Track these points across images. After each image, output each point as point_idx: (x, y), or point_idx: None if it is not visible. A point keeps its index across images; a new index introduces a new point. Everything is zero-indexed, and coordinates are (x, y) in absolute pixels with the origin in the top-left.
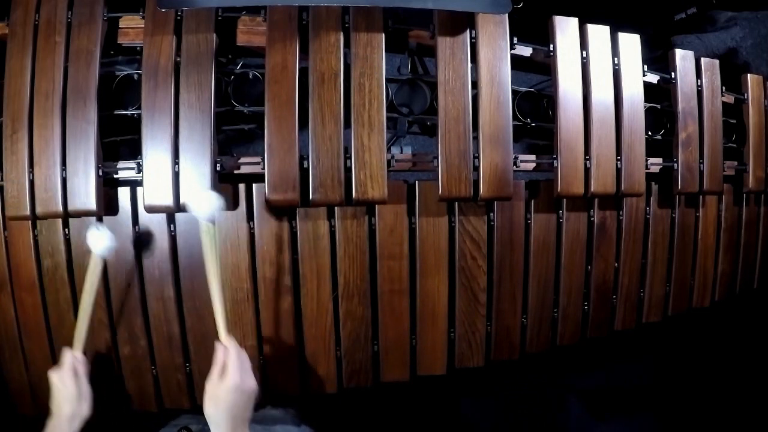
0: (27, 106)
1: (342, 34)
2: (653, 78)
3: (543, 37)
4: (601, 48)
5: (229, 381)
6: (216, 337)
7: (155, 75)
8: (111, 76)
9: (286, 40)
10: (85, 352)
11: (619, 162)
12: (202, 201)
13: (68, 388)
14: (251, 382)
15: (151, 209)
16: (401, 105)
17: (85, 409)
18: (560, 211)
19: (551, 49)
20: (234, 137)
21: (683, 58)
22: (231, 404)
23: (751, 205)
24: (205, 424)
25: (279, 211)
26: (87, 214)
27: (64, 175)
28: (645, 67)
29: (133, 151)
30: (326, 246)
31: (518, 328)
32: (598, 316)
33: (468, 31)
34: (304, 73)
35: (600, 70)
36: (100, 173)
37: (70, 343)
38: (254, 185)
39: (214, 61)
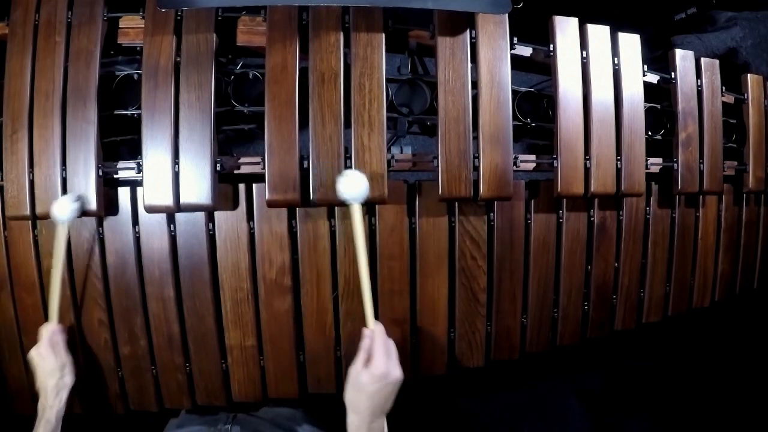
0: (27, 106)
1: (342, 34)
2: (653, 78)
3: (543, 37)
4: (601, 48)
5: (374, 369)
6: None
7: (155, 75)
8: (111, 76)
9: (286, 40)
10: (59, 322)
11: (619, 162)
12: (353, 182)
13: (48, 362)
14: (397, 372)
15: (151, 209)
16: (401, 105)
17: (68, 379)
18: (560, 211)
19: (551, 49)
20: (234, 137)
21: (683, 58)
22: (373, 392)
23: (751, 205)
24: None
25: (279, 211)
26: (87, 214)
27: (64, 175)
28: (645, 67)
29: (133, 151)
30: (326, 246)
31: (518, 328)
32: (598, 316)
33: (468, 31)
34: (304, 73)
35: (600, 70)
36: (100, 173)
37: (69, 343)
38: (254, 185)
39: (214, 61)
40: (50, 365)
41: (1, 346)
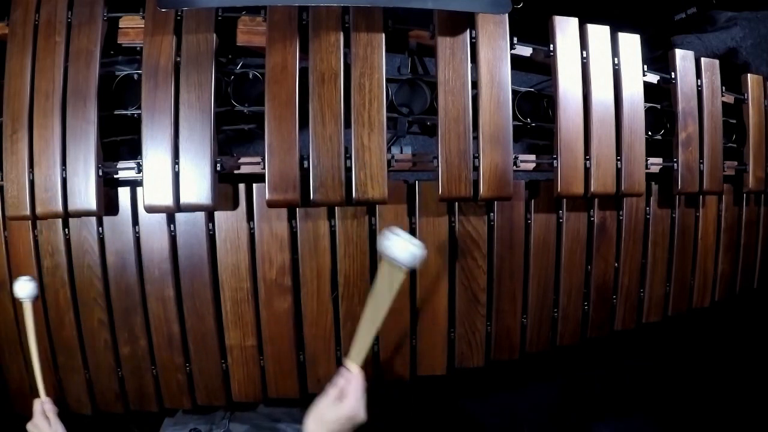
0: (27, 106)
1: (342, 34)
2: (653, 78)
3: (543, 37)
4: (601, 48)
5: (344, 409)
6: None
7: (155, 75)
8: (111, 76)
9: (286, 40)
10: (48, 394)
11: (619, 162)
12: (405, 248)
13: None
14: (363, 416)
15: (151, 209)
16: (401, 105)
17: None
18: (560, 211)
19: (551, 49)
20: (234, 137)
21: (683, 58)
22: (335, 429)
23: (751, 205)
24: (213, 424)
25: (279, 211)
26: (87, 214)
27: (64, 175)
28: (645, 67)
29: (133, 151)
30: (326, 246)
31: (518, 328)
32: (598, 316)
33: (468, 31)
34: (304, 73)
35: (600, 70)
36: (100, 173)
37: (69, 343)
38: (254, 185)
39: (214, 61)
40: None
41: (1, 346)
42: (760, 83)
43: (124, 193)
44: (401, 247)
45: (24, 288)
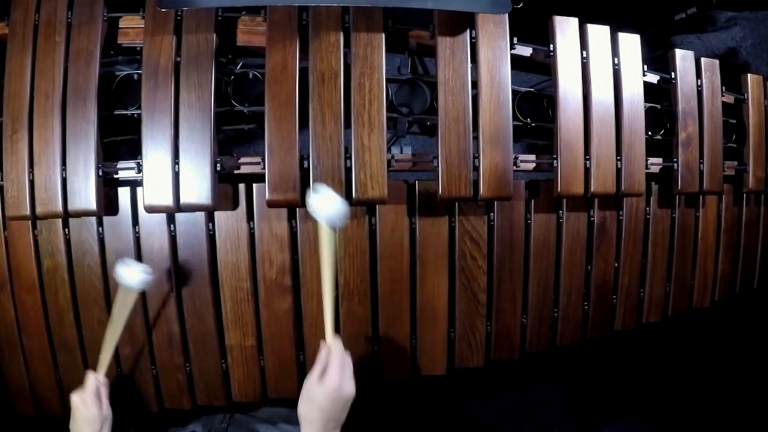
0: (27, 106)
1: (342, 34)
2: (653, 78)
3: (543, 37)
4: (601, 48)
5: (328, 384)
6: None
7: (155, 75)
8: (111, 76)
9: (286, 40)
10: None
11: (619, 162)
12: (327, 203)
13: (90, 411)
14: (350, 388)
15: (151, 209)
16: (401, 105)
17: None
18: (560, 211)
19: (551, 49)
20: (234, 137)
21: (683, 58)
22: (326, 407)
23: (751, 205)
24: (211, 428)
25: (279, 211)
26: (87, 214)
27: (64, 175)
28: (645, 67)
29: (133, 151)
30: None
31: (518, 328)
32: (598, 316)
33: (468, 31)
34: (304, 73)
35: (600, 70)
36: (100, 173)
37: (69, 343)
38: (254, 185)
39: (214, 61)
40: (92, 415)
41: (1, 346)
42: (760, 83)
43: (124, 193)
44: (324, 208)
45: (135, 276)
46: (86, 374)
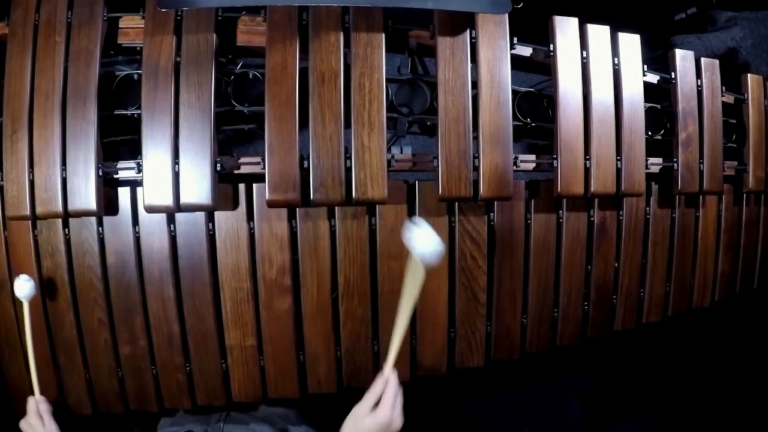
0: (27, 106)
1: (342, 34)
2: (653, 78)
3: (543, 37)
4: (601, 48)
5: (380, 417)
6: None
7: (155, 75)
8: (111, 76)
9: (286, 40)
10: (44, 393)
11: (619, 162)
12: (427, 240)
13: (37, 431)
14: (399, 423)
15: (151, 209)
16: (401, 105)
17: None
18: (560, 211)
19: (551, 49)
20: (234, 137)
21: (683, 58)
22: None
23: (751, 205)
24: (208, 426)
25: (279, 211)
26: (87, 214)
27: (64, 175)
28: (645, 67)
29: (133, 151)
30: (326, 246)
31: (518, 328)
32: (598, 316)
33: (468, 31)
34: (304, 73)
35: (600, 70)
36: (100, 173)
37: (69, 343)
38: (254, 185)
39: (214, 61)
40: None
41: (1, 346)
42: (760, 83)
43: (124, 193)
44: (425, 242)
45: (22, 288)
46: (28, 401)
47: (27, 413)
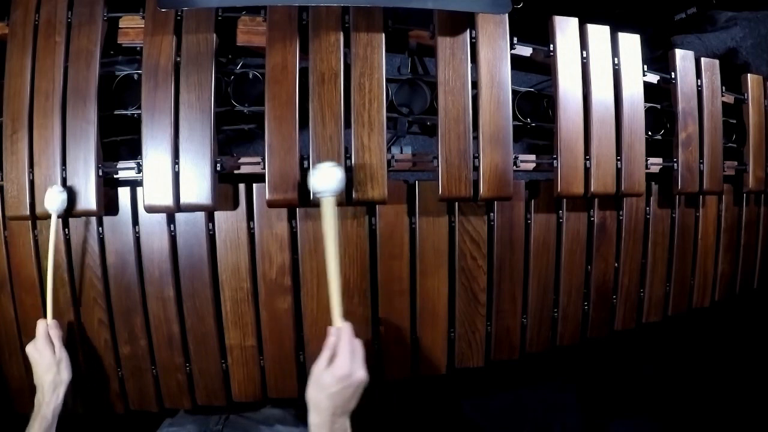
0: (27, 106)
1: (342, 34)
2: (653, 78)
3: (543, 37)
4: (601, 48)
5: (337, 370)
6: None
7: (155, 75)
8: (111, 76)
9: (286, 40)
10: (56, 318)
11: (619, 162)
12: (324, 175)
13: (45, 357)
14: (360, 373)
15: (151, 209)
16: (401, 105)
17: (65, 375)
18: (560, 211)
19: (551, 49)
20: (234, 137)
21: (683, 58)
22: (335, 392)
23: (751, 205)
24: (207, 428)
25: (279, 211)
26: (87, 214)
27: (64, 175)
28: (645, 67)
29: (133, 151)
30: None
31: (518, 328)
32: (598, 316)
33: (468, 31)
34: (304, 73)
35: (600, 70)
36: (100, 173)
37: (69, 343)
38: (254, 185)
39: (214, 61)
40: (47, 360)
41: (1, 346)
42: (760, 83)
43: (124, 193)
44: (322, 178)
45: (54, 199)
46: (38, 324)
47: (36, 337)
